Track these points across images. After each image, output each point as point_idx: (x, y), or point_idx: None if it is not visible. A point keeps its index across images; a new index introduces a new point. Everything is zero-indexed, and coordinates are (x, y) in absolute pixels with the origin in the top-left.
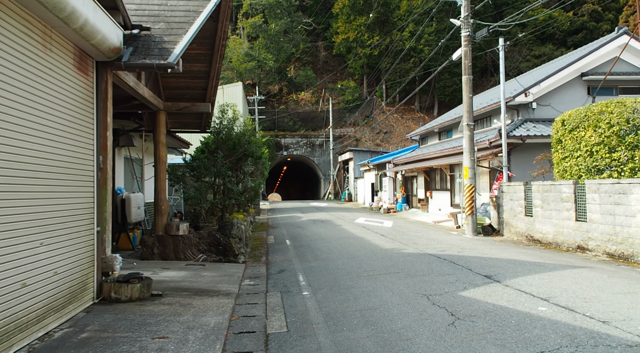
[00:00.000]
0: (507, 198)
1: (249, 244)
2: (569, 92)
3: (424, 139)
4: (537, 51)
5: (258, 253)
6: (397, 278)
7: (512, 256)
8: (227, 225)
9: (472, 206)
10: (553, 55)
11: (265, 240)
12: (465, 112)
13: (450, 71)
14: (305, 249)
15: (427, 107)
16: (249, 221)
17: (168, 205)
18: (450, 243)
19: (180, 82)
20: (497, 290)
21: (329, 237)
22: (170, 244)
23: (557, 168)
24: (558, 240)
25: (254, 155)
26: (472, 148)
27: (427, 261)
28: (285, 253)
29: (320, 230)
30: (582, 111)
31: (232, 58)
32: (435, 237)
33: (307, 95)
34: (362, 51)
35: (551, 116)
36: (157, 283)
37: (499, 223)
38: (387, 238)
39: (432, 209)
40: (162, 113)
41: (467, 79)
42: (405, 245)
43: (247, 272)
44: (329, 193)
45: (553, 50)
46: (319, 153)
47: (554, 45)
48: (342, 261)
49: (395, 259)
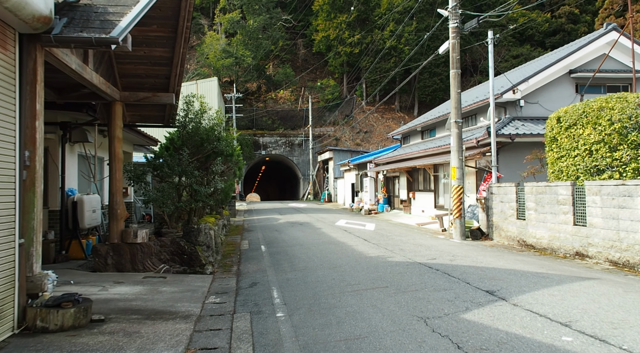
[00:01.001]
0: (497, 199)
1: (220, 250)
2: (557, 89)
3: (406, 139)
4: (516, 52)
5: (229, 261)
6: (386, 295)
7: (510, 265)
8: (193, 231)
9: (460, 209)
10: (531, 56)
11: (239, 245)
12: (453, 109)
13: (430, 71)
14: (282, 256)
15: (408, 107)
16: (222, 224)
17: (125, 209)
18: (440, 250)
19: (139, 70)
20: (505, 311)
21: (308, 242)
22: (126, 253)
23: (552, 168)
24: (554, 246)
25: (225, 153)
26: (461, 147)
27: (418, 273)
28: (259, 261)
29: (299, 233)
30: (580, 107)
31: (209, 54)
32: (422, 242)
33: (286, 93)
34: (342, 49)
35: (539, 114)
36: (102, 303)
37: (488, 227)
38: (371, 243)
39: (415, 211)
40: (118, 104)
41: (455, 74)
42: (392, 252)
43: (214, 286)
44: (308, 193)
45: (531, 51)
46: (298, 153)
47: (532, 46)
48: (322, 272)
49: (382, 269)
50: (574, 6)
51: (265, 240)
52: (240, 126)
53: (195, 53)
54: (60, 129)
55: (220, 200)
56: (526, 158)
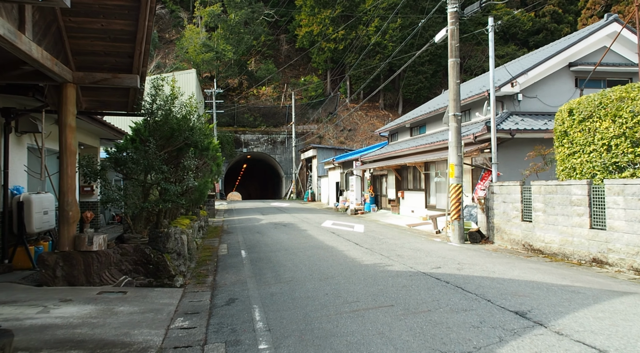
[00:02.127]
0: (499, 200)
1: (195, 257)
2: (556, 83)
3: (394, 136)
4: (501, 51)
5: (204, 270)
6: (393, 317)
7: (528, 276)
8: (160, 237)
9: (458, 210)
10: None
11: (216, 250)
12: (451, 101)
13: (414, 69)
14: (265, 264)
15: (392, 105)
16: (197, 227)
17: (78, 210)
18: (441, 256)
19: (96, 46)
20: (552, 344)
21: (294, 246)
22: (80, 263)
23: (563, 165)
24: (566, 251)
25: (200, 145)
26: (460, 142)
27: (426, 286)
28: (239, 270)
29: (283, 236)
30: (596, 97)
31: (189, 48)
32: (419, 246)
33: (268, 90)
34: (326, 45)
35: (538, 109)
36: (36, 333)
37: (488, 229)
38: (364, 248)
39: (404, 211)
40: (71, 87)
41: (454, 63)
42: (389, 259)
43: (183, 303)
44: (290, 192)
45: (515, 50)
46: (281, 151)
47: (516, 45)
48: (312, 285)
49: (382, 281)
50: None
51: (246, 243)
52: (221, 122)
53: (174, 47)
54: (1, 116)
55: (195, 200)
56: (528, 155)
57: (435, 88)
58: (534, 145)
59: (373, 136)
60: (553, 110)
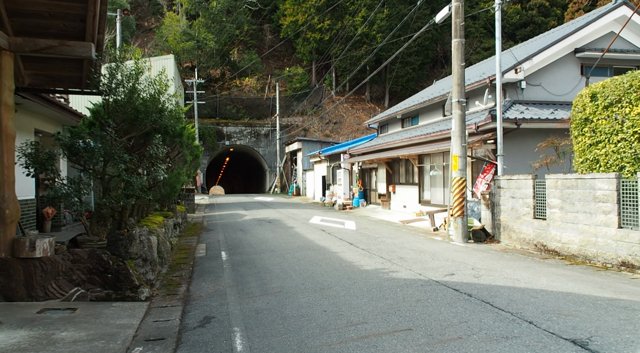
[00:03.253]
0: (507, 195)
1: (168, 260)
2: (561, 70)
3: (384, 127)
4: (487, 44)
5: (177, 276)
6: (416, 349)
7: (559, 285)
8: (121, 239)
9: (462, 206)
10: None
11: (194, 250)
12: (455, 86)
13: (402, 61)
14: (248, 269)
15: (378, 98)
16: (172, 224)
17: (18, 207)
18: (449, 258)
19: (38, 5)
20: None
21: (281, 247)
22: (18, 273)
23: (583, 156)
24: (588, 252)
25: (170, 131)
26: (464, 132)
27: (445, 300)
28: (218, 277)
29: (268, 234)
30: (625, 79)
31: (168, 37)
32: (420, 247)
33: (251, 81)
34: (311, 35)
35: (542, 98)
36: None
37: (493, 227)
38: (359, 248)
39: (395, 206)
40: (7, 55)
41: (459, 44)
42: (391, 262)
43: (146, 324)
44: (275, 186)
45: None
46: (265, 143)
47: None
48: (306, 298)
49: (390, 293)
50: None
51: (228, 243)
52: (202, 114)
53: (153, 36)
54: None
55: (165, 195)
56: (539, 146)
57: (422, 81)
58: (541, 136)
59: (359, 129)
60: (557, 99)
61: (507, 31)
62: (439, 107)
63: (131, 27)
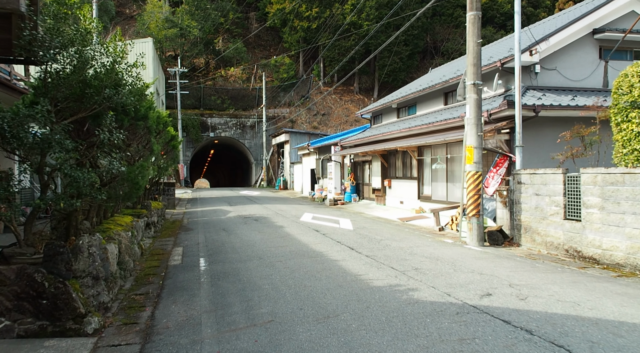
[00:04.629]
0: (529, 191)
1: (136, 270)
2: (578, 53)
3: (378, 118)
4: None
5: (141, 295)
6: None
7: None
8: (61, 253)
9: (478, 204)
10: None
11: (168, 256)
12: (470, 66)
13: (391, 50)
14: (231, 284)
15: (367, 89)
16: (144, 225)
17: None
18: (474, 269)
19: None
20: None
21: (271, 252)
22: None
23: (628, 146)
24: (639, 262)
25: (131, 112)
26: (480, 119)
27: (499, 341)
28: (192, 296)
29: (255, 235)
30: None
31: (150, 24)
32: (432, 252)
33: (237, 71)
34: (299, 24)
35: (557, 84)
36: None
37: (512, 228)
38: (363, 255)
39: (391, 202)
40: None
41: (474, 17)
42: (405, 276)
43: None
44: (261, 179)
45: (493, 33)
46: (251, 135)
47: (493, 28)
48: (307, 333)
49: (420, 328)
50: None
51: (208, 246)
52: (185, 105)
53: (135, 23)
54: None
55: (124, 195)
56: (562, 136)
57: (412, 71)
58: (559, 125)
59: (348, 121)
60: (574, 85)
61: (497, 22)
62: (439, 95)
63: (110, 12)
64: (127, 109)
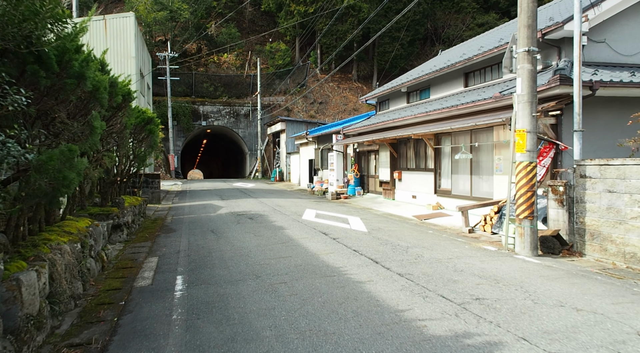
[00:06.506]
0: (598, 187)
1: (87, 296)
2: (630, 22)
3: (384, 103)
4: (481, 19)
5: (76, 350)
6: None
7: None
8: None
9: (532, 203)
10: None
11: (136, 272)
12: (523, 29)
13: (390, 36)
14: (215, 328)
15: (366, 77)
16: (105, 230)
17: None
18: (559, 298)
19: None
20: None
21: (270, 268)
22: None
23: None
24: None
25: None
26: (534, 96)
27: None
28: (155, 350)
29: (250, 241)
30: None
31: (138, 6)
32: (484, 268)
33: (230, 57)
34: (295, 8)
35: (605, 59)
36: None
37: (572, 233)
38: (394, 273)
39: (401, 196)
40: None
41: None
42: (471, 314)
43: None
44: (255, 170)
45: (496, 19)
46: (245, 124)
47: (497, 14)
48: None
49: None
50: None
51: (190, 257)
52: (176, 92)
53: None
54: None
55: (46, 195)
56: (635, 117)
57: (412, 58)
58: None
59: (346, 110)
60: (626, 60)
61: (501, 7)
62: (458, 76)
63: None
64: (43, 56)
